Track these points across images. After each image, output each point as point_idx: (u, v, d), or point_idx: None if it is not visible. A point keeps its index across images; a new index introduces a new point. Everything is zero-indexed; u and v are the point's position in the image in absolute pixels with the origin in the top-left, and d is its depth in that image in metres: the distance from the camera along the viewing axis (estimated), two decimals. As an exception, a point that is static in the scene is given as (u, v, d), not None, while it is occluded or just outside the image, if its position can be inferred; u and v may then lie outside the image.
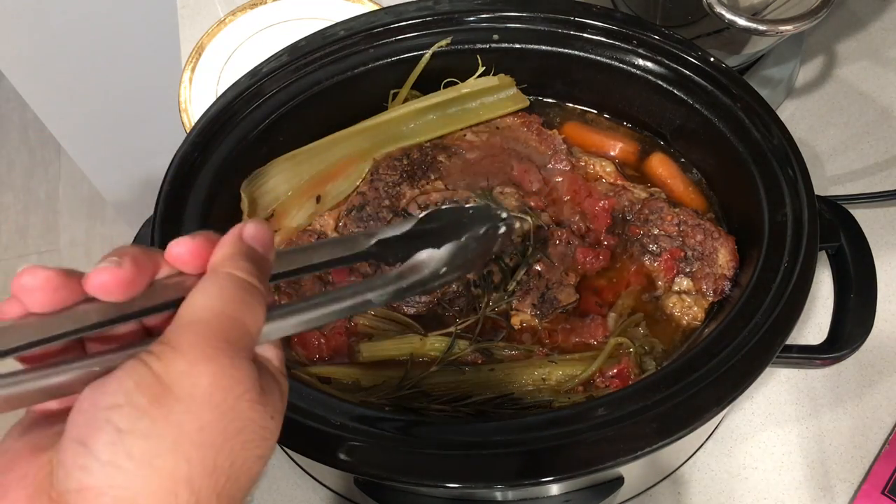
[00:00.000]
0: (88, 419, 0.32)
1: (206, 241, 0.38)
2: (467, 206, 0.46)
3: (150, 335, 0.36)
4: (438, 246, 0.44)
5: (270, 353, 0.39)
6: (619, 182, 0.77)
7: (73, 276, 0.35)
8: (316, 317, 0.40)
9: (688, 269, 0.71)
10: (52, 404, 0.36)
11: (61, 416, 0.34)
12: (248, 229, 0.39)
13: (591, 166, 0.78)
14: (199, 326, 0.34)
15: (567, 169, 0.78)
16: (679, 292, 0.70)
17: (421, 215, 0.45)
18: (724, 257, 0.70)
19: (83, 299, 0.35)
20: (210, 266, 0.37)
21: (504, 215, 0.47)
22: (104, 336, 0.36)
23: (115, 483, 0.31)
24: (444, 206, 0.45)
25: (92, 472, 0.31)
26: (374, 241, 0.43)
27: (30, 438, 0.34)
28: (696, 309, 0.69)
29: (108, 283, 0.34)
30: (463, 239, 0.44)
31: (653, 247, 0.72)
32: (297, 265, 0.41)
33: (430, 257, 0.43)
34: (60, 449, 0.32)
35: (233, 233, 0.38)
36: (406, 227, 0.44)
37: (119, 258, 0.35)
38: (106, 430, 0.31)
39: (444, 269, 0.43)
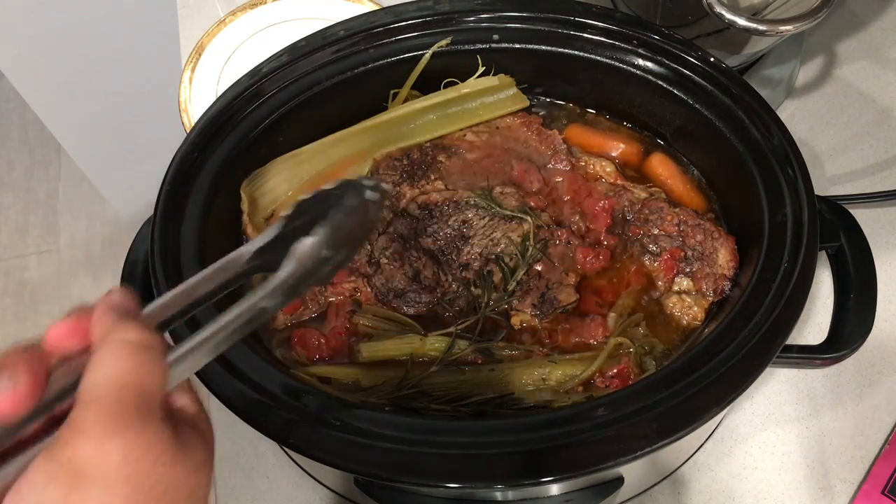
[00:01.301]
0: None
1: (80, 316, 0.37)
2: (327, 187, 0.46)
3: (58, 421, 0.36)
4: (310, 232, 0.43)
5: (184, 400, 0.38)
6: (619, 182, 0.77)
7: None
8: (215, 343, 0.40)
9: (688, 269, 0.71)
10: None
11: None
12: (114, 296, 0.38)
13: (591, 166, 0.78)
14: (100, 403, 0.34)
15: (567, 169, 0.78)
16: (679, 292, 0.70)
17: (285, 213, 0.45)
18: (724, 257, 0.70)
19: None
20: (95, 339, 0.36)
21: (369, 183, 0.47)
22: (14, 441, 0.36)
23: None
24: (304, 197, 0.46)
25: None
26: (251, 254, 0.44)
27: None
28: (696, 309, 0.69)
29: (6, 406, 0.34)
30: (334, 217, 0.44)
31: (653, 247, 0.72)
32: (181, 306, 0.41)
33: (307, 245, 0.43)
34: None
35: (103, 302, 0.38)
36: (276, 229, 0.44)
37: (11, 375, 0.35)
38: None
39: (325, 253, 0.43)
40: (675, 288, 0.71)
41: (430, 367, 0.67)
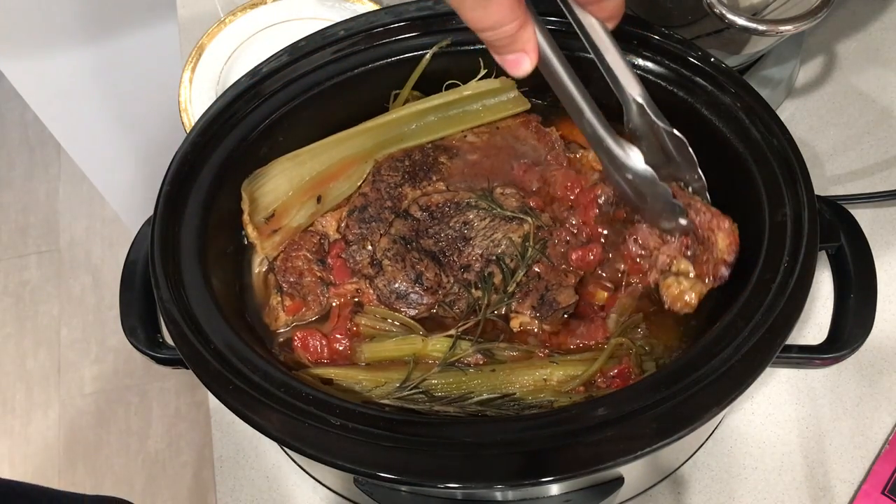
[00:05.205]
0: None
1: None
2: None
3: None
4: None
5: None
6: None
7: None
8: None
9: (688, 253, 0.70)
10: None
11: None
12: None
13: (585, 157, 0.78)
14: None
15: (563, 165, 0.77)
16: (677, 274, 0.69)
17: None
18: (723, 241, 0.69)
19: None
20: None
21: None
22: None
23: None
24: None
25: None
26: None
27: None
28: (692, 294, 0.67)
29: None
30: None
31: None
32: None
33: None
34: None
35: None
36: None
37: None
38: None
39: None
40: (674, 269, 0.70)
41: (431, 369, 0.67)
